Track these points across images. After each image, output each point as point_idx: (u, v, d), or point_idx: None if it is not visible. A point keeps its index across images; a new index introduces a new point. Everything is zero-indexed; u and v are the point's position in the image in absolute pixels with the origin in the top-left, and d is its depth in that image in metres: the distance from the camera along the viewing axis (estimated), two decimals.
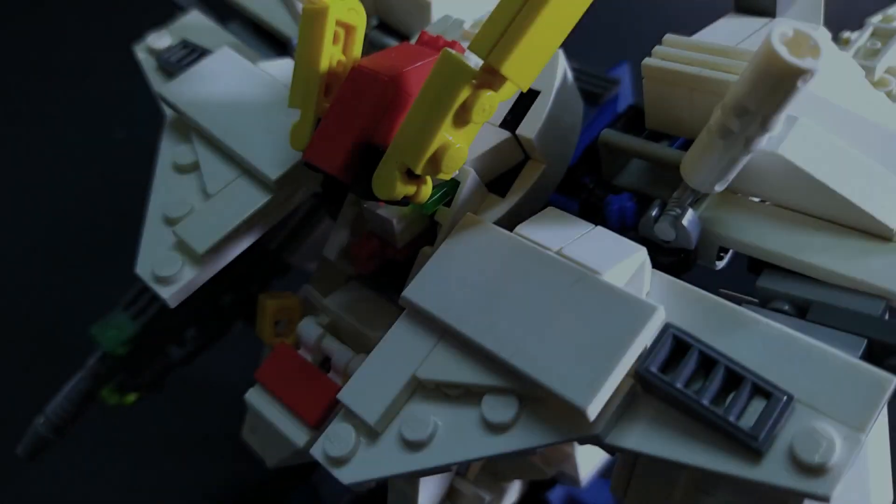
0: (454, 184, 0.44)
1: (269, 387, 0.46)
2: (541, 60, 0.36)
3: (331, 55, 0.43)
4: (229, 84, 0.49)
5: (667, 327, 0.34)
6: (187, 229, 0.45)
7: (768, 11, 0.48)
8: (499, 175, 0.46)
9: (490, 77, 0.36)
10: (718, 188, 0.37)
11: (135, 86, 0.67)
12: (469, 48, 0.36)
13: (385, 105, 0.40)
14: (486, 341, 0.36)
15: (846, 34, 0.58)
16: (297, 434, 0.44)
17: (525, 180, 0.45)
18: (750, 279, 0.41)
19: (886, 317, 0.36)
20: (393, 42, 0.56)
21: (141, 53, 0.56)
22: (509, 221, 0.45)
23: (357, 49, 0.44)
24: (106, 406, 0.64)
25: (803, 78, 0.30)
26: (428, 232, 0.46)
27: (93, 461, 0.82)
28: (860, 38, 0.56)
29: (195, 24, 0.57)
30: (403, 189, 0.39)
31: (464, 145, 0.38)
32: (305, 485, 0.77)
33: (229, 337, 0.68)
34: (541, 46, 0.36)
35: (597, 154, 0.47)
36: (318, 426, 0.44)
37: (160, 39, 0.56)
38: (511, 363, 0.35)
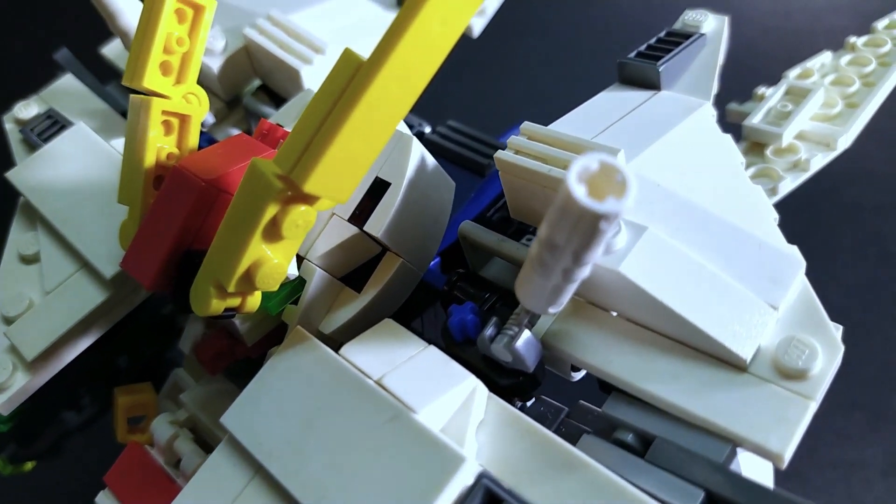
0: (302, 281, 0.41)
1: (116, 491, 0.44)
2: (354, 173, 0.33)
3: (159, 147, 0.39)
4: (77, 167, 0.46)
5: (480, 477, 0.31)
6: (19, 332, 0.42)
7: (652, 85, 0.44)
8: (360, 265, 0.43)
9: (300, 192, 0.33)
10: (552, 311, 0.33)
11: None
12: (274, 162, 0.32)
13: (205, 210, 0.37)
14: (292, 485, 0.33)
15: (761, 90, 0.54)
16: None
17: (381, 275, 0.42)
18: None
19: (735, 459, 0.32)
20: (268, 109, 0.52)
21: (8, 124, 0.53)
22: (366, 316, 0.42)
23: (192, 140, 0.41)
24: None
25: (605, 220, 0.27)
26: (280, 328, 0.43)
27: None
28: (773, 97, 0.51)
29: (66, 89, 0.54)
30: (221, 304, 0.36)
31: (282, 260, 0.35)
32: None
33: None
34: (350, 159, 0.32)
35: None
36: None
37: (27, 109, 0.52)
38: None
